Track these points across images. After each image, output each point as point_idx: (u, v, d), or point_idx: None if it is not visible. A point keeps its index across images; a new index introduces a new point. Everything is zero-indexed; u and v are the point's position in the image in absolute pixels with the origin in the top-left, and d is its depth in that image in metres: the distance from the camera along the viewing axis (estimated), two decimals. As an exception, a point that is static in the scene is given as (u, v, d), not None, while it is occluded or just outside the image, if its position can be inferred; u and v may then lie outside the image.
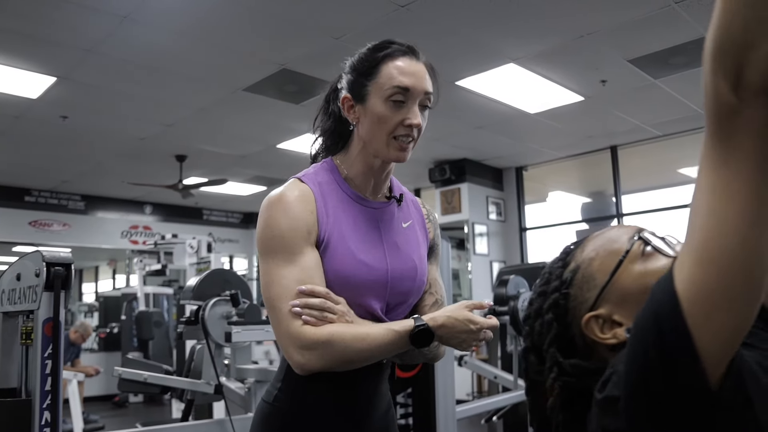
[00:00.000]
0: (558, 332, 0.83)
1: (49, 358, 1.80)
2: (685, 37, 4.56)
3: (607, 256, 0.84)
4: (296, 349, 1.17)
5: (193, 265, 6.57)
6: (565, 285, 0.85)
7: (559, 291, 0.85)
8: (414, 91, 1.27)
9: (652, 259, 0.81)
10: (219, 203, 10.49)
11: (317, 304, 1.18)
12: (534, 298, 0.89)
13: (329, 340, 1.16)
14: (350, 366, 1.20)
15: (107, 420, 6.97)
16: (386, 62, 1.28)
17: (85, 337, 7.50)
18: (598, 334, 0.80)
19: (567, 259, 0.89)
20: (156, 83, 5.15)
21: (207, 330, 2.44)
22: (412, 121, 1.26)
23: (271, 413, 1.29)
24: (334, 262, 1.25)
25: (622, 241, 0.84)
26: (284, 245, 1.22)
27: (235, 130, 6.52)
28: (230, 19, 4.15)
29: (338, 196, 1.31)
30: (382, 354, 1.20)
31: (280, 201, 1.25)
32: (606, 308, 0.81)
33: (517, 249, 8.48)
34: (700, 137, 2.46)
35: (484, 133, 6.89)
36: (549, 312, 0.84)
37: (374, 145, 1.29)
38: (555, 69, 5.12)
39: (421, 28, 4.32)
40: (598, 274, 0.83)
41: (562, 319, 0.84)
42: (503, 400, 3.46)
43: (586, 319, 0.81)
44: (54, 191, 9.02)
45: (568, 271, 0.86)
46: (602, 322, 0.80)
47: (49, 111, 5.66)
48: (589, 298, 0.82)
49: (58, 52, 4.50)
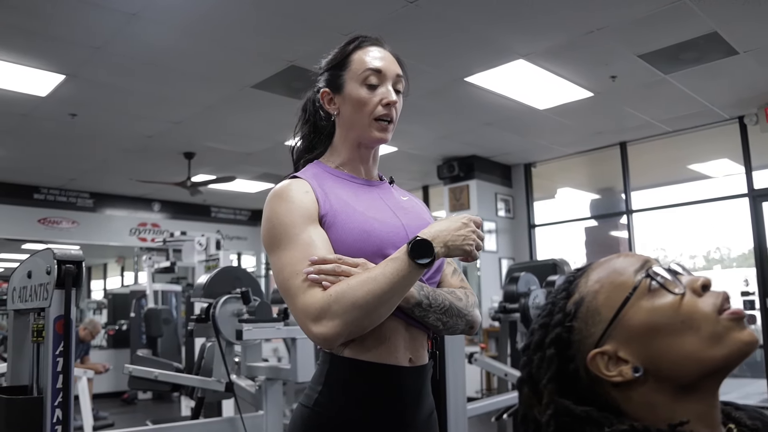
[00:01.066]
0: (558, 368, 0.81)
1: (60, 355, 1.80)
2: (696, 32, 4.52)
3: (612, 290, 0.81)
4: (311, 322, 1.13)
5: (202, 263, 6.57)
6: (569, 318, 0.83)
7: (563, 324, 0.83)
8: (386, 72, 1.32)
9: (659, 295, 0.78)
10: (227, 200, 10.50)
11: (330, 270, 1.16)
12: (535, 329, 0.86)
13: (337, 296, 1.12)
14: (372, 318, 1.14)
15: (116, 417, 6.98)
16: (356, 51, 1.34)
17: (94, 334, 7.52)
18: (604, 371, 0.78)
19: (570, 289, 0.86)
20: (164, 81, 5.15)
21: (218, 328, 2.43)
22: (389, 98, 1.30)
23: (311, 417, 1.23)
24: (347, 225, 1.24)
25: (628, 275, 0.82)
26: (286, 231, 1.22)
27: (242, 127, 6.52)
28: (238, 16, 4.14)
29: (332, 179, 1.33)
30: (396, 287, 1.13)
31: (275, 195, 1.28)
32: (612, 345, 0.79)
33: (526, 246, 8.45)
34: (710, 133, 2.46)
35: (493, 130, 6.86)
36: (551, 347, 0.82)
37: (356, 129, 1.33)
38: (564, 65, 5.09)
39: (430, 24, 4.30)
40: (604, 309, 0.80)
41: (564, 352, 0.82)
42: (513, 398, 3.44)
43: (591, 356, 0.79)
44: (62, 189, 9.05)
45: (571, 303, 0.84)
46: (607, 358, 0.78)
47: (58, 109, 5.67)
48: (594, 333, 0.80)
49: (66, 50, 4.50)
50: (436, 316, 1.26)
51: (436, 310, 1.25)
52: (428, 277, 1.31)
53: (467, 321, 1.31)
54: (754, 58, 5.04)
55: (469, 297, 1.33)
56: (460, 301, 1.30)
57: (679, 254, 9.26)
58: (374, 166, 1.41)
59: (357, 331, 1.14)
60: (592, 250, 9.03)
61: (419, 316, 1.25)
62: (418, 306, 1.24)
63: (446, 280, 1.37)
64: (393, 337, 1.24)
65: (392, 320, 1.21)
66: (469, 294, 1.35)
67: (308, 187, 1.27)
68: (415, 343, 1.28)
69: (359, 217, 1.26)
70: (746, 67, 5.22)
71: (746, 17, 4.32)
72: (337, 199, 1.28)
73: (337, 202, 1.27)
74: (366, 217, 1.27)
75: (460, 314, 1.29)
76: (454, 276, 1.38)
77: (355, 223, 1.25)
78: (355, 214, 1.26)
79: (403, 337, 1.25)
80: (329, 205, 1.26)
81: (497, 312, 3.71)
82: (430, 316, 1.25)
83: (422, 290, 1.25)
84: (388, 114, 1.31)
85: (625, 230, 7.77)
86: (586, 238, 9.05)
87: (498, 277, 8.10)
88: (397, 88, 1.34)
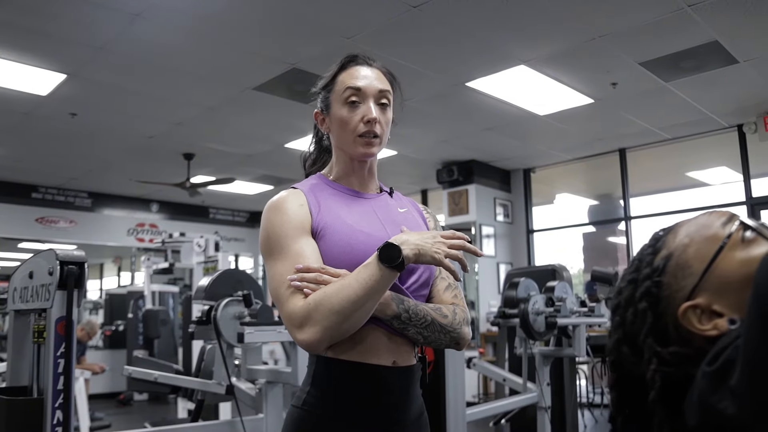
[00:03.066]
0: (653, 322, 0.79)
1: (61, 357, 1.79)
2: (697, 41, 4.54)
3: (703, 242, 0.80)
4: (296, 329, 1.20)
5: (201, 264, 6.56)
6: (658, 272, 0.81)
7: (651, 279, 0.80)
8: (366, 90, 1.36)
9: (754, 245, 0.77)
10: (226, 202, 10.49)
11: (312, 278, 1.22)
12: (623, 286, 0.84)
13: (316, 304, 1.18)
14: (351, 322, 1.19)
15: (112, 418, 6.96)
16: (341, 73, 1.41)
17: (92, 335, 7.50)
18: (697, 326, 0.76)
19: (657, 246, 0.84)
20: (165, 82, 5.15)
21: (219, 330, 2.42)
22: (369, 115, 1.34)
23: (301, 418, 1.29)
24: (334, 237, 1.30)
25: (716, 227, 0.80)
26: (279, 242, 1.28)
27: (243, 129, 6.52)
28: (241, 18, 4.14)
29: (329, 192, 1.39)
30: (369, 292, 1.18)
31: (272, 206, 1.34)
32: (704, 298, 0.76)
33: (524, 251, 8.46)
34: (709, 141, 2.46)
35: (493, 135, 6.87)
36: (642, 300, 0.80)
37: (345, 146, 1.39)
38: (566, 71, 5.10)
39: (432, 29, 4.30)
40: (695, 261, 0.79)
41: (655, 308, 0.79)
42: (513, 403, 3.44)
43: (683, 310, 0.77)
44: (61, 188, 9.03)
45: (659, 258, 0.82)
46: (700, 312, 0.76)
47: (58, 108, 5.66)
48: (685, 287, 0.78)
49: (68, 50, 4.50)
50: (416, 329, 1.29)
51: (416, 324, 1.29)
52: (412, 290, 1.34)
53: (452, 337, 1.34)
54: (754, 67, 5.06)
55: (457, 314, 1.35)
56: (445, 317, 1.33)
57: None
58: (371, 178, 1.46)
59: (338, 335, 1.20)
60: (590, 256, 9.05)
61: (398, 328, 1.29)
62: (397, 318, 1.27)
63: (438, 295, 1.40)
64: (374, 343, 1.28)
65: (373, 329, 1.27)
66: (458, 311, 1.36)
67: (303, 200, 1.34)
68: (399, 348, 1.32)
69: (346, 231, 1.31)
70: (746, 76, 5.24)
71: (747, 27, 4.34)
72: (329, 212, 1.34)
73: (329, 215, 1.33)
74: (353, 230, 1.32)
75: (443, 330, 1.32)
76: (446, 292, 1.41)
77: (341, 236, 1.30)
78: (342, 227, 1.32)
79: (384, 344, 1.29)
80: (321, 218, 1.32)
81: (496, 317, 3.71)
82: (410, 329, 1.29)
83: (402, 303, 1.28)
84: (370, 131, 1.35)
85: (622, 236, 7.79)
86: (584, 244, 9.06)
87: (496, 281, 8.10)
88: (381, 102, 1.38)
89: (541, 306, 3.38)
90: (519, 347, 3.64)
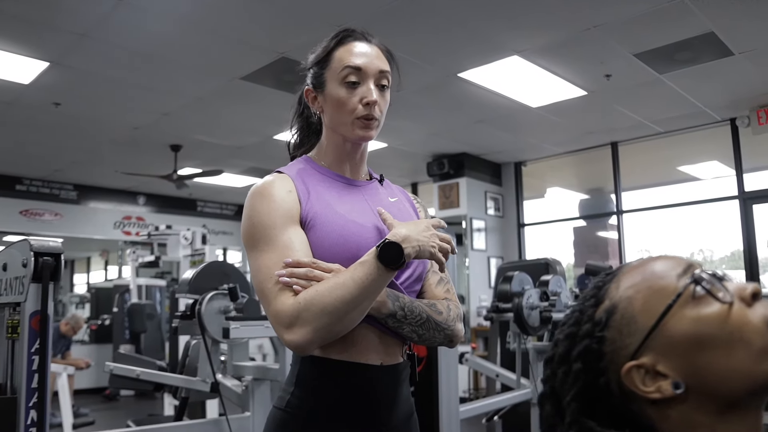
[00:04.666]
0: (585, 383, 0.73)
1: (36, 353, 1.70)
2: (693, 32, 4.48)
3: (651, 296, 0.73)
4: (283, 329, 1.11)
5: (188, 257, 6.45)
6: (600, 327, 0.75)
7: (592, 335, 0.74)
8: (367, 69, 1.27)
9: (705, 303, 0.71)
10: (213, 195, 10.38)
11: (302, 274, 1.13)
12: (560, 339, 0.78)
13: (306, 303, 1.10)
14: (343, 323, 1.11)
15: (98, 414, 6.86)
16: (338, 48, 1.30)
17: (77, 329, 7.38)
18: (640, 387, 0.71)
19: (600, 296, 0.77)
20: (151, 71, 5.03)
21: (203, 325, 2.33)
22: (369, 98, 1.25)
23: (284, 420, 1.22)
24: (325, 228, 1.22)
25: (669, 279, 0.73)
26: (265, 232, 1.19)
27: (231, 121, 6.41)
28: (229, 5, 4.03)
29: (318, 177, 1.31)
30: (366, 292, 1.10)
31: (256, 191, 1.25)
32: (649, 357, 0.71)
33: (515, 245, 8.41)
34: (700, 134, 2.38)
35: (484, 127, 6.80)
36: (578, 360, 0.74)
37: (340, 129, 1.30)
38: (559, 62, 5.03)
39: (425, 18, 4.22)
40: (641, 317, 0.72)
41: (595, 365, 0.74)
42: (507, 399, 3.37)
43: (626, 369, 0.71)
44: (46, 180, 8.89)
45: (602, 311, 0.76)
46: (644, 372, 0.71)
47: (42, 97, 5.53)
48: (630, 344, 0.72)
49: (50, 36, 4.37)
50: (411, 328, 1.22)
51: (411, 322, 1.22)
52: (406, 286, 1.27)
53: (446, 335, 1.27)
54: (749, 59, 5.00)
55: (451, 310, 1.29)
56: (440, 314, 1.26)
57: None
58: (362, 164, 1.38)
59: (329, 336, 1.12)
60: (580, 250, 9.01)
61: (393, 326, 1.22)
62: (392, 317, 1.20)
63: (430, 290, 1.33)
64: (363, 342, 1.21)
65: (363, 327, 1.19)
66: (452, 307, 1.30)
67: (291, 186, 1.25)
68: (388, 349, 1.25)
69: (338, 221, 1.23)
70: (741, 68, 5.19)
71: (744, 17, 4.28)
72: (319, 200, 1.25)
73: (319, 203, 1.25)
74: (345, 220, 1.24)
75: (438, 328, 1.25)
76: (438, 286, 1.34)
77: (333, 227, 1.22)
78: (334, 216, 1.24)
79: (374, 343, 1.23)
80: (310, 206, 1.24)
81: (489, 311, 3.64)
82: (405, 328, 1.22)
83: (398, 301, 1.21)
84: (369, 114, 1.26)
85: (613, 230, 7.75)
86: (574, 238, 9.02)
87: (486, 275, 8.04)
88: (381, 84, 1.29)
89: (536, 300, 3.31)
90: (512, 342, 3.57)
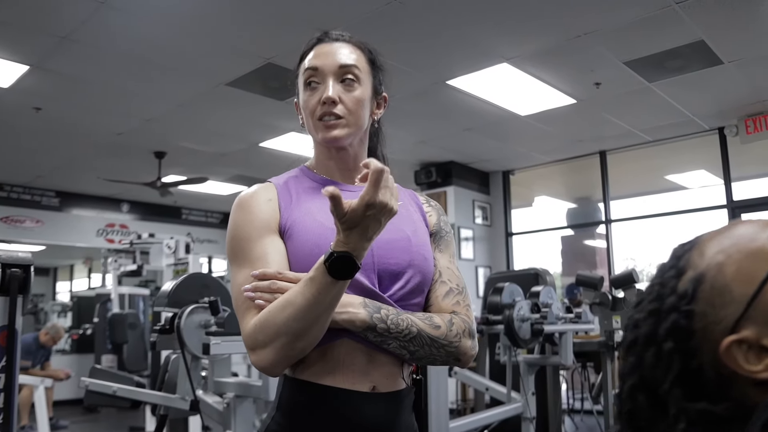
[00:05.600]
0: (681, 367, 0.63)
1: (2, 371, 1.61)
2: (683, 40, 4.46)
3: (746, 260, 0.63)
4: (250, 351, 1.05)
5: (171, 266, 6.32)
6: (687, 300, 0.64)
7: (679, 309, 0.64)
8: (324, 67, 1.20)
9: None
10: (198, 202, 10.25)
11: (266, 286, 1.05)
12: (641, 318, 0.68)
13: (261, 324, 1.02)
14: (305, 339, 1.01)
15: (77, 425, 6.71)
16: (307, 54, 1.26)
17: (56, 339, 7.23)
18: (743, 365, 0.60)
19: (680, 265, 0.67)
20: (135, 75, 4.92)
21: (183, 340, 2.23)
22: (325, 94, 1.18)
23: None
24: (301, 237, 1.13)
25: (762, 240, 0.64)
26: (241, 246, 1.14)
27: (216, 127, 6.31)
28: (214, 9, 3.95)
29: (307, 184, 1.24)
30: (318, 307, 0.98)
31: (236, 203, 1.20)
32: (752, 330, 0.61)
33: (503, 254, 8.35)
34: (688, 144, 2.31)
35: (473, 136, 6.75)
36: (668, 339, 0.64)
37: (311, 133, 1.24)
38: (549, 70, 4.98)
39: (413, 23, 4.16)
40: (736, 285, 0.62)
41: (684, 348, 0.63)
42: (498, 414, 3.29)
43: (726, 345, 0.61)
44: (27, 186, 8.72)
45: (686, 281, 0.65)
46: (747, 348, 0.60)
47: (22, 101, 5.40)
48: (726, 317, 0.62)
49: (30, 39, 4.25)
50: (398, 343, 1.09)
51: (397, 336, 1.08)
52: (398, 298, 1.14)
53: (448, 352, 1.13)
54: (739, 68, 4.99)
55: (453, 323, 1.14)
56: (437, 328, 1.12)
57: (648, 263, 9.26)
58: (355, 167, 1.25)
59: (295, 353, 1.03)
60: (567, 259, 8.99)
61: (376, 341, 1.09)
62: (371, 330, 1.07)
63: (436, 302, 1.19)
64: (347, 361, 1.10)
65: (347, 344, 1.09)
66: (456, 320, 1.16)
67: (273, 194, 1.19)
68: (381, 369, 1.12)
69: (316, 229, 1.13)
70: (730, 77, 5.18)
71: (734, 26, 4.26)
72: (300, 207, 1.18)
73: (299, 211, 1.17)
74: (324, 228, 1.12)
75: (434, 344, 1.11)
76: (446, 298, 1.19)
77: (309, 236, 1.13)
78: (312, 224, 1.14)
79: (361, 363, 1.10)
80: (290, 214, 1.16)
81: (480, 324, 3.56)
82: (391, 343, 1.09)
83: (378, 312, 1.08)
84: (326, 112, 1.18)
85: (601, 239, 7.72)
86: (562, 247, 9.00)
87: (474, 285, 7.97)
88: (345, 78, 1.20)
89: (527, 312, 3.24)
90: (502, 355, 3.49)
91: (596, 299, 3.87)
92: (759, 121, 6.06)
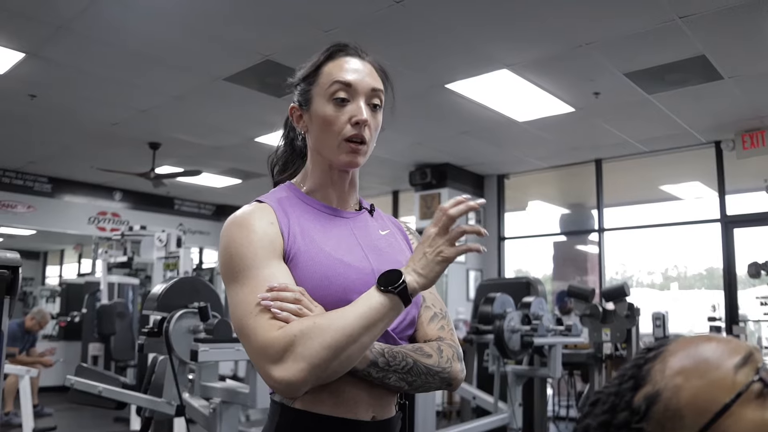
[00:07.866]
0: None
1: (-13, 373, 1.58)
2: (684, 54, 4.45)
3: (704, 389, 0.61)
4: (272, 364, 0.96)
5: (161, 259, 6.28)
6: (638, 418, 0.63)
7: (629, 426, 0.64)
8: (357, 86, 1.15)
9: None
10: (191, 194, 10.20)
11: (290, 298, 1.01)
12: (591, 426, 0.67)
13: (303, 334, 0.96)
14: (342, 361, 0.97)
15: (62, 414, 6.68)
16: (327, 63, 1.19)
17: (42, 324, 7.17)
18: None
19: (640, 377, 0.66)
20: (132, 66, 4.88)
21: (171, 345, 2.20)
22: (359, 117, 1.13)
23: None
24: (308, 267, 1.09)
25: (726, 370, 0.61)
26: (245, 264, 1.06)
27: (212, 121, 6.27)
28: (214, 4, 3.92)
29: (302, 208, 1.18)
30: (369, 325, 0.98)
31: (234, 221, 1.12)
32: None
33: (495, 258, 8.35)
34: (684, 156, 2.28)
35: (469, 139, 6.73)
36: None
37: (325, 151, 1.17)
38: (549, 78, 4.97)
39: (415, 26, 4.13)
40: (689, 412, 0.61)
41: None
42: (485, 425, 3.28)
43: None
44: (20, 171, 8.66)
45: (641, 397, 0.64)
46: None
47: (17, 88, 5.35)
48: None
49: (27, 27, 4.21)
50: (398, 376, 1.09)
51: (396, 369, 1.09)
52: (399, 331, 1.15)
53: (441, 378, 1.13)
54: (738, 84, 4.99)
55: (443, 351, 1.15)
56: (429, 357, 1.12)
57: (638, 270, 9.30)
58: (351, 191, 1.25)
59: (325, 376, 0.98)
60: (559, 264, 9.00)
61: (378, 377, 1.08)
62: (374, 366, 1.07)
63: (422, 328, 1.19)
64: (353, 391, 1.08)
65: (352, 378, 1.07)
66: (444, 347, 1.16)
67: (273, 217, 1.13)
68: (381, 401, 1.12)
69: (323, 260, 1.10)
70: (729, 92, 5.18)
71: (735, 42, 4.26)
72: (303, 235, 1.13)
73: (302, 239, 1.12)
74: (332, 259, 1.11)
75: (429, 372, 1.12)
76: (431, 323, 1.20)
77: (318, 267, 1.09)
78: (319, 255, 1.11)
79: (365, 396, 1.10)
80: (293, 241, 1.11)
81: (469, 333, 3.55)
82: (391, 377, 1.09)
83: (374, 347, 1.08)
84: (358, 135, 1.14)
85: (593, 246, 7.73)
86: (554, 253, 9.00)
87: (465, 288, 7.97)
88: (373, 103, 1.17)
89: (517, 324, 3.23)
90: (491, 364, 3.49)
91: (587, 311, 3.87)
92: (756, 137, 6.07)
